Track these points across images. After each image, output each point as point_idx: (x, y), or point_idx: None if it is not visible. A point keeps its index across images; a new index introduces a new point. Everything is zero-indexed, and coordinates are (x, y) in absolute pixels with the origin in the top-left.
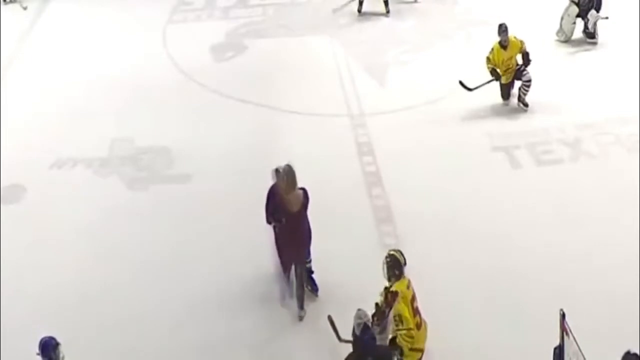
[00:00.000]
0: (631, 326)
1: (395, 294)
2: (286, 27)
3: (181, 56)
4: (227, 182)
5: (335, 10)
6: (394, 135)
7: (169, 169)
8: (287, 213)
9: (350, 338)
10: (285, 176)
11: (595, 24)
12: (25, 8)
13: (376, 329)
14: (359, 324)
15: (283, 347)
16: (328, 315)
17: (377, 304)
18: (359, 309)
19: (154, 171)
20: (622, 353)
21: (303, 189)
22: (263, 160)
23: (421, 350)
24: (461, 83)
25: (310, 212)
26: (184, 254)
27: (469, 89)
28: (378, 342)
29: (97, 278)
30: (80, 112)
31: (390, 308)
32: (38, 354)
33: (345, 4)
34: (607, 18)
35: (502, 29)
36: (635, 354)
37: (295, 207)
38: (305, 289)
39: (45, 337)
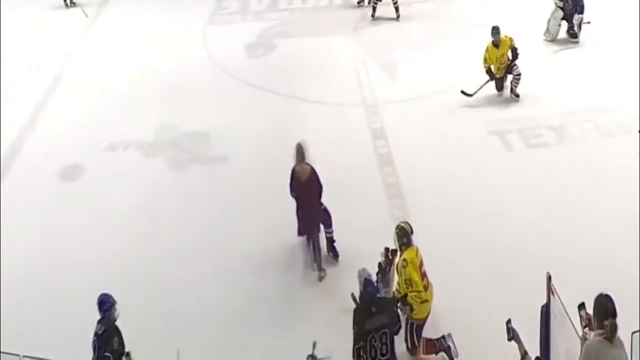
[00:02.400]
0: (613, 289)
1: (394, 252)
2: (310, 29)
3: (219, 54)
4: (257, 163)
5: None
6: (403, 122)
7: (208, 152)
8: (298, 182)
9: None
10: (296, 150)
11: (580, 25)
12: (87, 15)
13: (380, 285)
14: (360, 280)
15: (301, 306)
16: (351, 293)
17: (379, 264)
18: (359, 269)
19: (194, 153)
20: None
21: (311, 166)
22: (288, 143)
23: (428, 310)
24: (463, 92)
25: (330, 188)
26: (217, 228)
27: (470, 95)
28: (382, 296)
29: (141, 249)
30: (131, 103)
31: (391, 265)
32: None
33: (360, 8)
34: (589, 22)
35: (495, 31)
36: (607, 295)
37: (304, 177)
38: (328, 255)
39: (102, 295)
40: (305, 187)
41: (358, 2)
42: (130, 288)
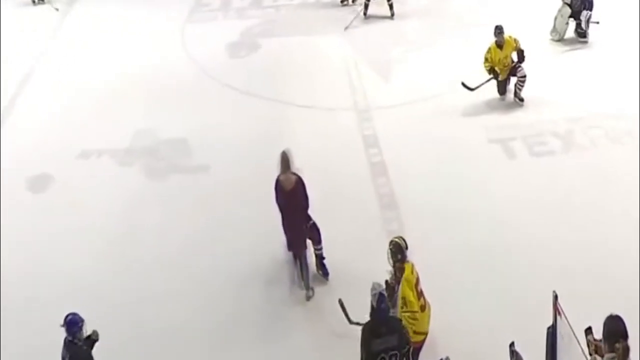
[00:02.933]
0: (621, 305)
1: (402, 268)
2: (297, 27)
3: (199, 54)
4: (240, 172)
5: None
6: (398, 128)
7: (187, 160)
8: (282, 192)
9: (359, 321)
10: (280, 158)
11: (588, 22)
12: (57, 9)
13: (388, 305)
14: (374, 294)
15: (287, 325)
16: (339, 299)
17: (387, 281)
18: (373, 282)
19: (172, 162)
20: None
21: (297, 176)
22: (274, 151)
23: (424, 334)
24: (463, 84)
25: (319, 199)
26: (198, 240)
27: (471, 89)
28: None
29: (118, 261)
30: (104, 106)
31: (399, 283)
32: (62, 326)
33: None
34: (597, 23)
35: (498, 31)
36: (617, 316)
37: (288, 187)
38: (317, 272)
39: (70, 314)
40: (290, 199)
41: (342, 1)
42: (106, 303)
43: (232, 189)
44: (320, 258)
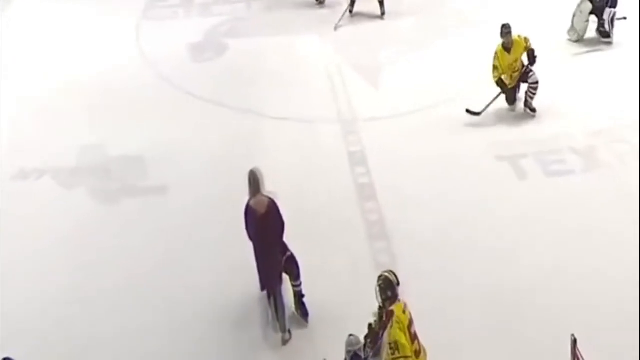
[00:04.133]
0: None
1: (391, 313)
2: (271, 25)
3: (156, 56)
4: (206, 194)
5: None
6: (389, 144)
7: (143, 180)
8: (253, 219)
9: None
10: (249, 179)
11: (612, 21)
12: None
13: (369, 353)
14: (349, 352)
15: None
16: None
17: (370, 325)
18: (350, 335)
19: (126, 183)
20: None
21: (270, 199)
22: (244, 171)
23: None
24: (468, 110)
25: (297, 227)
26: (159, 273)
27: (478, 114)
28: None
29: (68, 300)
30: (45, 118)
31: (385, 329)
32: None
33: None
34: (625, 19)
35: (506, 31)
36: None
37: (260, 212)
38: (295, 313)
39: (5, 358)
40: (263, 226)
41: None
42: (49, 344)
43: (195, 215)
44: (299, 296)
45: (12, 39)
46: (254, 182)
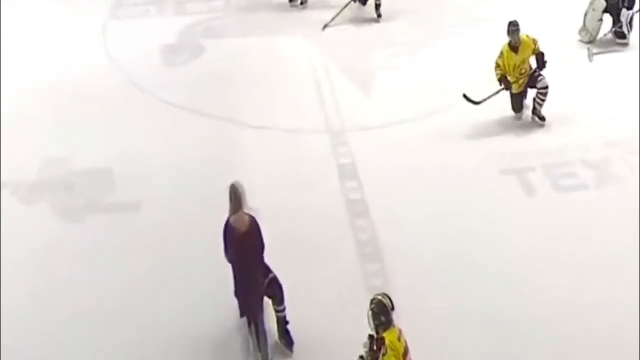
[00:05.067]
0: None
1: (382, 341)
2: (252, 25)
3: (125, 59)
4: (181, 211)
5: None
6: (383, 156)
7: (111, 196)
8: (233, 237)
9: None
10: (230, 194)
11: (630, 23)
12: None
13: None
14: None
15: None
16: None
17: (361, 357)
18: None
19: (92, 198)
20: None
21: (250, 217)
22: (223, 185)
23: None
24: (465, 97)
25: (281, 247)
26: (125, 298)
27: (476, 103)
28: None
29: (26, 330)
30: (4, 127)
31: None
32: None
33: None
34: None
35: (513, 28)
36: None
37: (240, 231)
38: (278, 342)
39: None
40: (243, 245)
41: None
42: None
43: (168, 233)
44: (282, 322)
45: None
46: (235, 197)
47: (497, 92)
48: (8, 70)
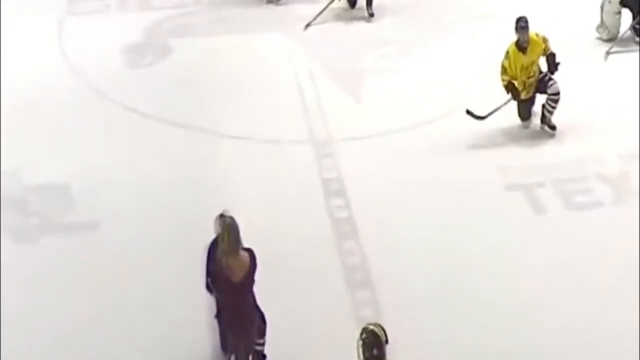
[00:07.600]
0: None
1: None
2: (226, 22)
3: (83, 61)
4: (147, 232)
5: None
6: (373, 169)
7: (68, 215)
8: (227, 282)
9: None
10: (225, 233)
11: None
12: None
13: None
14: None
15: None
16: None
17: None
18: None
19: (47, 217)
20: None
21: (249, 251)
22: (198, 202)
23: None
24: (469, 112)
25: (262, 274)
26: (87, 330)
27: (480, 118)
28: None
29: None
30: None
31: None
32: None
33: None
34: None
35: (522, 25)
36: None
37: (237, 275)
38: None
39: None
40: (237, 291)
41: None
42: None
43: (133, 257)
44: (260, 357)
45: None
46: (230, 236)
47: (505, 104)
48: None
